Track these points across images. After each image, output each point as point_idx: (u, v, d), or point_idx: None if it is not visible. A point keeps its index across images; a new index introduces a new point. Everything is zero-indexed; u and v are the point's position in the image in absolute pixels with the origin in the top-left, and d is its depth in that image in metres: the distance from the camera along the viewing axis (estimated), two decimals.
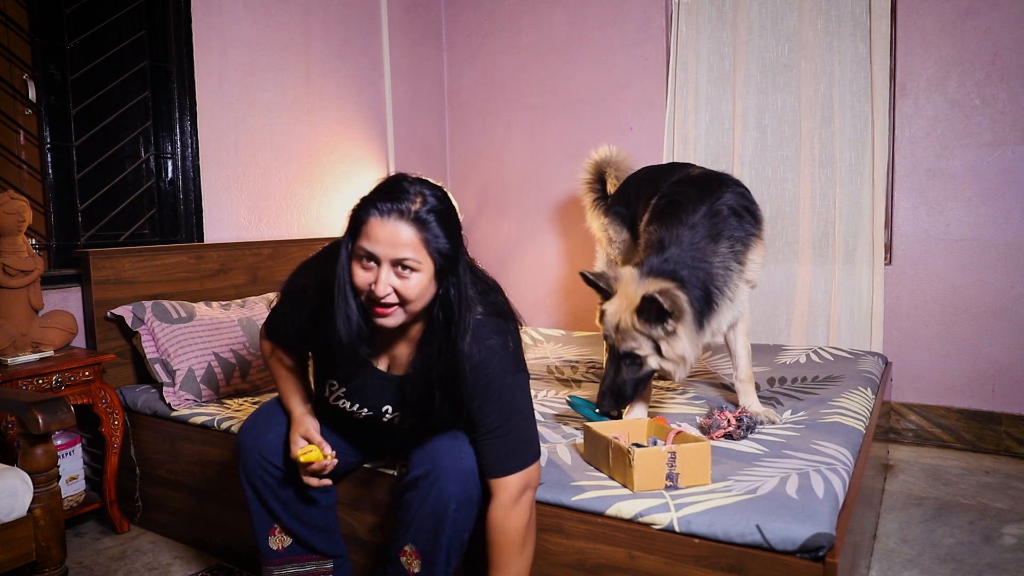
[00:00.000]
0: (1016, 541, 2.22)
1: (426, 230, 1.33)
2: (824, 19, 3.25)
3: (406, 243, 1.31)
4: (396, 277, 1.33)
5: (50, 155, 2.58)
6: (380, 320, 1.38)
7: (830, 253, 3.31)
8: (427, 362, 1.43)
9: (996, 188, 3.01)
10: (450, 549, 1.49)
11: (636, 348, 1.83)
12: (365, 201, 1.36)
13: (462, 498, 1.46)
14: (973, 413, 3.10)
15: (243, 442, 1.62)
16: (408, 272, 1.33)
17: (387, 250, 1.32)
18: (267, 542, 1.64)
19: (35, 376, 2.17)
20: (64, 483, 2.30)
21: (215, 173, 3.06)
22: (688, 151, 3.58)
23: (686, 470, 1.55)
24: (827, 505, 1.41)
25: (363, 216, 1.34)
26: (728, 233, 1.93)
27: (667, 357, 1.83)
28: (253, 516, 1.64)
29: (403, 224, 1.31)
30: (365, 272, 1.35)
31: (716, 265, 1.89)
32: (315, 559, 1.67)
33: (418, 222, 1.32)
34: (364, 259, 1.35)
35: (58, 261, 2.60)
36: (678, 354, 1.82)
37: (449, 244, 1.35)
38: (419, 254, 1.33)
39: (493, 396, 1.44)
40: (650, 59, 3.73)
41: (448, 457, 1.47)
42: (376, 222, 1.32)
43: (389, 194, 1.34)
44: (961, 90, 3.05)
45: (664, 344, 1.81)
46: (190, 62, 2.93)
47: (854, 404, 2.11)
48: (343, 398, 1.58)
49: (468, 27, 4.28)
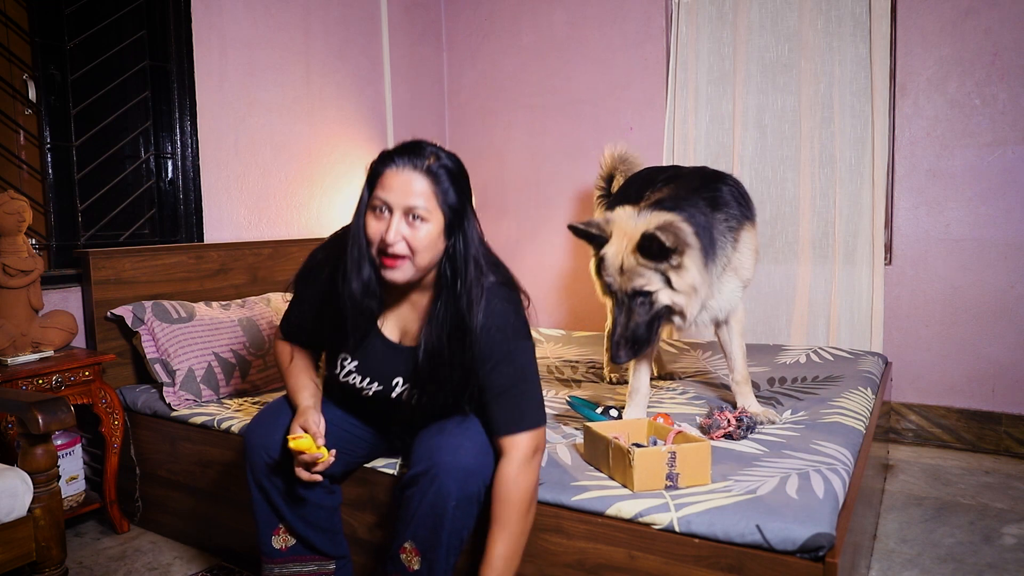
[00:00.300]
0: (1016, 541, 2.22)
1: (437, 183, 1.41)
2: (824, 19, 3.25)
3: (418, 192, 1.39)
4: (407, 226, 1.40)
5: (50, 155, 2.58)
6: (388, 273, 1.43)
7: (830, 253, 3.31)
8: (437, 327, 1.47)
9: (996, 188, 3.01)
10: (449, 546, 1.49)
11: (645, 284, 1.75)
12: (383, 155, 1.44)
13: (461, 495, 1.46)
14: (973, 413, 3.10)
15: (250, 441, 1.62)
16: (418, 222, 1.40)
17: (399, 198, 1.39)
18: (270, 541, 1.64)
19: (35, 376, 2.17)
20: (64, 483, 2.30)
21: (215, 173, 3.06)
22: (688, 151, 3.58)
23: (686, 470, 1.55)
24: (827, 505, 1.41)
25: (380, 169, 1.43)
26: (724, 209, 1.94)
27: (679, 289, 1.75)
28: (258, 515, 1.64)
29: (416, 175, 1.40)
30: (378, 222, 1.42)
31: (715, 227, 1.89)
32: (317, 559, 1.67)
33: (430, 174, 1.40)
34: (378, 209, 1.41)
35: (58, 261, 2.60)
36: (689, 284, 1.76)
37: (458, 200, 1.43)
38: (429, 204, 1.40)
39: (504, 358, 1.48)
40: (650, 59, 3.73)
41: (447, 454, 1.47)
42: (391, 172, 1.41)
43: (406, 149, 1.43)
44: (961, 90, 3.05)
45: (674, 275, 1.74)
46: (190, 62, 2.93)
47: (854, 404, 2.11)
48: (354, 373, 1.59)
49: (468, 27, 4.28)
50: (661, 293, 1.76)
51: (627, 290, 1.78)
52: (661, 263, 1.73)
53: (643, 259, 1.74)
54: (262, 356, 2.60)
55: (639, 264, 1.74)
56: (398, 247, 1.40)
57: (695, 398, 2.28)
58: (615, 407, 1.98)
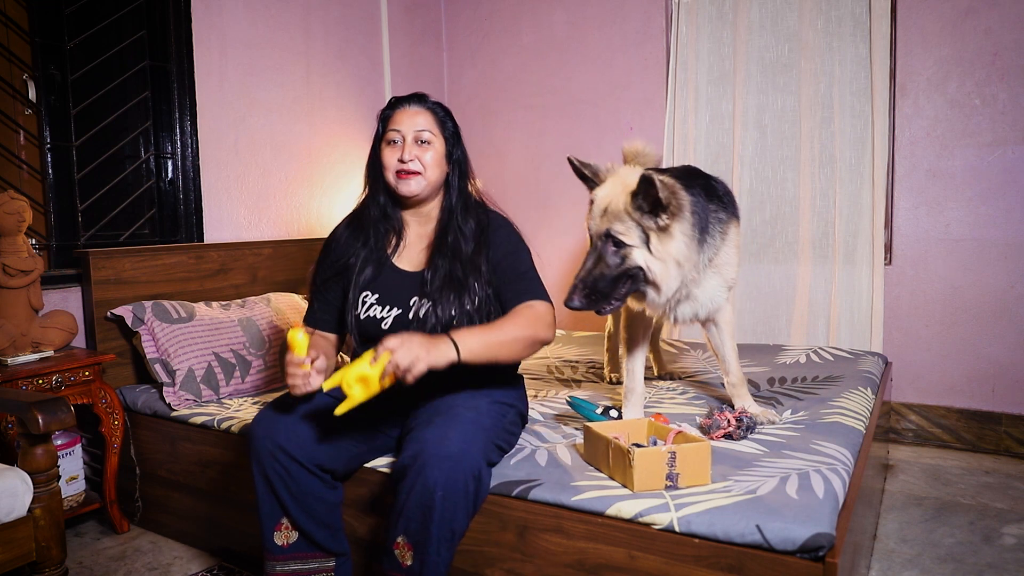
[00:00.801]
0: (1016, 541, 2.22)
1: (436, 115, 1.79)
2: (824, 19, 3.25)
3: (423, 121, 1.76)
4: (417, 148, 1.74)
5: (50, 155, 2.58)
6: (403, 186, 1.75)
7: (830, 253, 3.31)
8: (443, 244, 1.76)
9: (996, 188, 3.02)
10: (440, 539, 1.48)
11: (623, 233, 1.65)
12: (392, 101, 1.80)
13: (448, 485, 1.46)
14: (973, 413, 3.10)
15: (256, 432, 1.62)
16: (426, 146, 1.75)
17: (409, 127, 1.75)
18: (273, 537, 1.64)
19: (35, 376, 2.17)
20: (64, 483, 2.31)
21: (215, 173, 3.06)
22: (688, 151, 3.58)
23: (686, 470, 1.55)
24: (827, 505, 1.41)
25: (390, 112, 1.79)
26: (716, 201, 1.89)
27: (656, 254, 1.66)
28: (262, 509, 1.64)
29: (421, 108, 1.78)
30: (392, 150, 1.76)
31: (708, 214, 1.81)
32: (319, 556, 1.67)
33: (431, 109, 1.79)
34: (392, 141, 1.76)
35: (58, 261, 2.60)
36: (671, 253, 1.66)
37: (454, 129, 1.82)
38: (433, 130, 1.77)
39: (513, 249, 1.78)
40: (650, 59, 3.73)
41: (432, 445, 1.48)
42: (400, 111, 1.77)
43: (410, 95, 1.81)
44: (961, 90, 3.05)
45: (655, 238, 1.65)
46: (190, 62, 2.93)
47: (854, 404, 2.11)
48: (375, 305, 1.77)
49: (468, 27, 4.28)
50: (636, 252, 1.67)
51: (602, 231, 1.68)
52: (647, 217, 1.64)
53: (631, 207, 1.64)
54: (262, 356, 2.61)
55: (625, 210, 1.65)
56: (412, 164, 1.73)
57: (695, 398, 2.28)
58: (615, 407, 1.98)
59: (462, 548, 1.66)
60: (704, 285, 1.88)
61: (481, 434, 1.56)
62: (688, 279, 1.76)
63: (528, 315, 1.67)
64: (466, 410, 1.60)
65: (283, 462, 1.60)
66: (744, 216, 3.47)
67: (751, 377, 2.49)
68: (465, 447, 1.50)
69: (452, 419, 1.55)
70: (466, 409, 1.60)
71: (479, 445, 1.54)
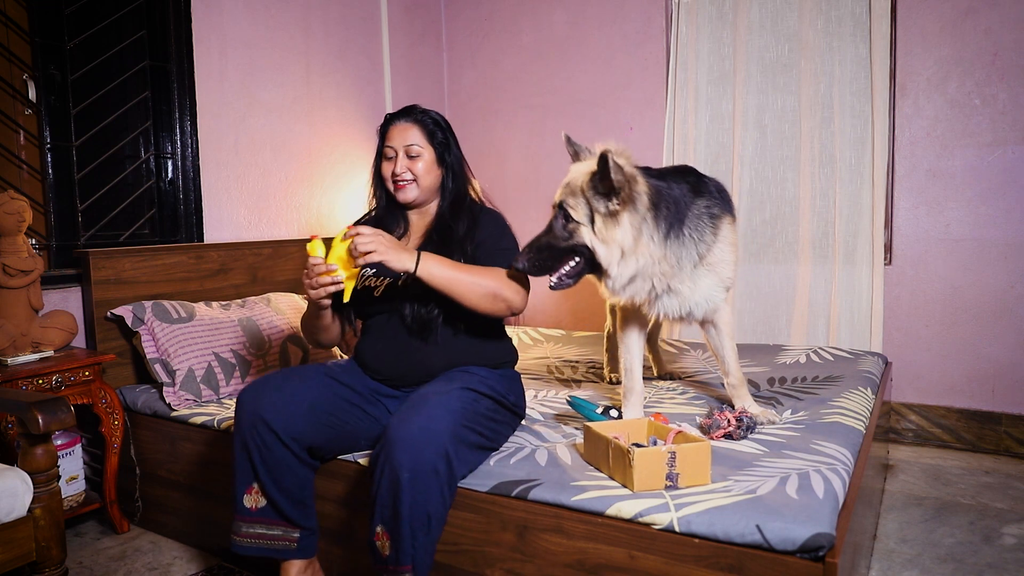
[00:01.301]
0: (1016, 541, 2.22)
1: (425, 127, 1.91)
2: (824, 19, 3.25)
3: (412, 136, 1.90)
4: (409, 160, 1.89)
5: (50, 155, 2.58)
6: (400, 194, 1.92)
7: (830, 253, 3.31)
8: (440, 222, 1.91)
9: (996, 188, 3.01)
10: (413, 524, 1.49)
11: (572, 206, 1.69)
12: (386, 118, 1.94)
13: (414, 466, 1.48)
14: (973, 413, 3.10)
15: (242, 399, 1.70)
16: (416, 159, 1.89)
17: (400, 142, 1.89)
18: (243, 499, 1.70)
19: (35, 376, 2.17)
20: (64, 483, 2.31)
21: (215, 173, 3.06)
22: (688, 151, 3.58)
23: (686, 470, 1.55)
24: (827, 505, 1.41)
25: (385, 128, 1.93)
26: (707, 196, 1.88)
27: (599, 236, 1.68)
28: (236, 470, 1.70)
29: (410, 124, 1.91)
30: (389, 163, 1.91)
31: (691, 209, 1.81)
32: (283, 525, 1.72)
33: (419, 122, 1.91)
34: (388, 157, 1.92)
35: (58, 261, 2.60)
36: (614, 238, 1.67)
37: (444, 137, 1.93)
38: (422, 142, 1.90)
39: (499, 232, 1.91)
40: (650, 59, 3.73)
41: (396, 429, 1.52)
42: (393, 127, 1.92)
43: (402, 110, 1.95)
44: (961, 90, 3.05)
45: (600, 221, 1.67)
46: (190, 62, 2.93)
47: (854, 404, 2.11)
48: (371, 277, 1.89)
49: (468, 27, 4.28)
50: (583, 229, 1.69)
51: (556, 201, 1.73)
52: (599, 199, 1.66)
53: (587, 185, 1.67)
54: (262, 356, 2.60)
55: (581, 187, 1.69)
56: (405, 176, 1.89)
57: (695, 398, 2.28)
58: (615, 407, 1.98)
59: (462, 548, 1.67)
60: (698, 284, 1.85)
61: (448, 416, 1.58)
62: (654, 272, 1.75)
63: (499, 273, 1.78)
64: (434, 395, 1.65)
65: (262, 433, 1.66)
66: (744, 216, 3.47)
67: (751, 377, 2.49)
68: (430, 427, 1.52)
69: (420, 403, 1.60)
70: (435, 394, 1.65)
71: (445, 426, 1.55)
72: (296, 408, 1.69)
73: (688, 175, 1.92)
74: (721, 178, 3.51)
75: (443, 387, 1.70)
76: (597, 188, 1.67)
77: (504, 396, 1.84)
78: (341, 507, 1.87)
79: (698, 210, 1.83)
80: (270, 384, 1.72)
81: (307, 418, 1.70)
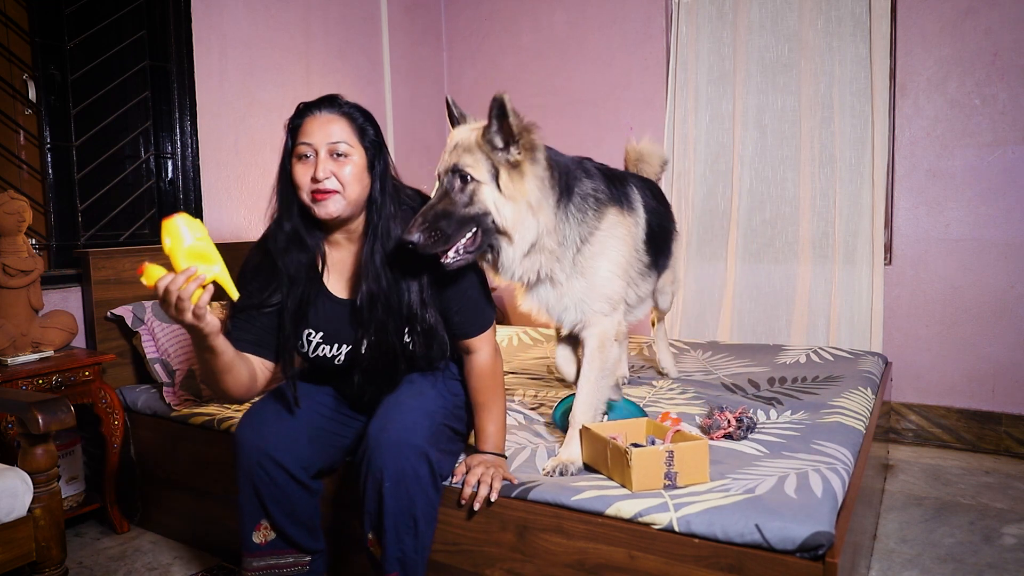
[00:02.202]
0: (1016, 541, 2.22)
1: (354, 121, 1.52)
2: (824, 19, 3.25)
3: (338, 131, 1.50)
4: (333, 163, 1.49)
5: (50, 155, 2.58)
6: (320, 209, 1.50)
7: (830, 253, 3.31)
8: (372, 271, 1.54)
9: (996, 188, 3.01)
10: (398, 527, 1.47)
11: (470, 165, 1.51)
12: (300, 108, 1.54)
13: (395, 470, 1.46)
14: (973, 413, 3.10)
15: (242, 439, 1.60)
16: (343, 159, 1.50)
17: (322, 139, 1.49)
18: (251, 536, 1.64)
19: (35, 376, 2.17)
20: (64, 483, 2.31)
21: (215, 173, 3.06)
22: (688, 151, 3.58)
23: (684, 469, 1.55)
24: (826, 504, 1.41)
25: (298, 122, 1.52)
26: (596, 181, 1.73)
27: (505, 192, 1.51)
28: (243, 509, 1.63)
29: (335, 115, 1.51)
30: (304, 166, 1.50)
31: (578, 185, 1.68)
32: (294, 552, 1.68)
33: (347, 115, 1.52)
34: (303, 156, 1.50)
35: (58, 261, 2.60)
36: (522, 192, 1.52)
37: (376, 136, 1.55)
38: (351, 140, 1.51)
39: (451, 281, 1.60)
40: (650, 59, 3.73)
41: (375, 433, 1.50)
42: (310, 119, 1.51)
43: (321, 100, 1.54)
44: (961, 90, 3.05)
45: (506, 175, 1.50)
46: (190, 62, 2.93)
47: (854, 404, 2.11)
48: (322, 344, 1.64)
49: (468, 27, 4.28)
50: (485, 188, 1.52)
51: (449, 165, 1.54)
52: (499, 152, 1.51)
53: (482, 139, 1.52)
54: None
55: (476, 143, 1.52)
56: (328, 183, 1.48)
57: (695, 398, 2.28)
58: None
59: (462, 548, 1.67)
60: (572, 281, 1.70)
61: (426, 419, 1.55)
62: (546, 245, 1.61)
63: (488, 379, 1.66)
64: (410, 398, 1.59)
65: (269, 470, 1.58)
66: (744, 216, 3.48)
67: (751, 377, 2.50)
68: (408, 430, 1.49)
69: (395, 407, 1.56)
70: (410, 397, 1.60)
71: (423, 428, 1.52)
72: (299, 436, 1.62)
73: (590, 161, 1.83)
74: (721, 178, 3.54)
75: (416, 389, 1.64)
76: (494, 141, 1.51)
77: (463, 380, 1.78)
78: (337, 507, 1.87)
79: (584, 190, 1.70)
80: (267, 416, 1.62)
81: (311, 445, 1.64)
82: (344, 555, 1.87)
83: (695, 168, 3.58)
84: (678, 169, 3.61)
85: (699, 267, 3.62)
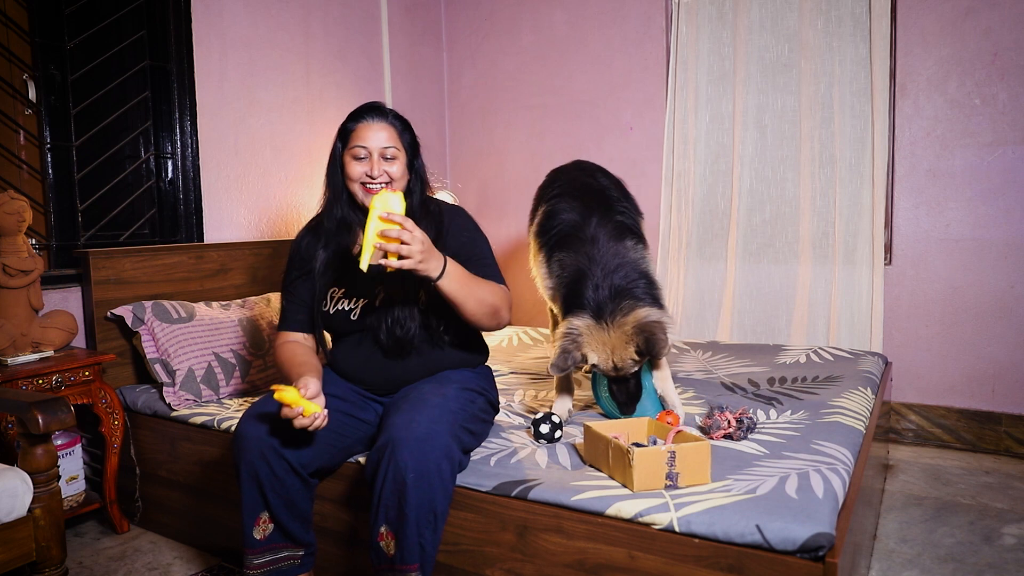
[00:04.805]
0: (1016, 541, 2.22)
1: (397, 129, 1.84)
2: (824, 19, 3.25)
3: (387, 137, 1.81)
4: (385, 163, 1.80)
5: (50, 155, 2.58)
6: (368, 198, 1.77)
7: (830, 253, 3.31)
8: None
9: (996, 188, 3.01)
10: (420, 522, 1.50)
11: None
12: (354, 114, 1.84)
13: (418, 467, 1.49)
14: (973, 413, 3.10)
15: (246, 433, 1.64)
16: (391, 161, 1.81)
17: (376, 143, 1.79)
18: (252, 531, 1.67)
19: (35, 376, 2.17)
20: (64, 483, 2.31)
21: (215, 173, 3.06)
22: (688, 151, 3.58)
23: (686, 469, 1.55)
24: (827, 505, 1.41)
25: (352, 126, 1.82)
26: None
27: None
28: (244, 502, 1.66)
29: (384, 123, 1.82)
30: (360, 164, 1.80)
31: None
32: (288, 547, 1.71)
33: (392, 124, 1.84)
34: (359, 157, 1.80)
35: (58, 261, 2.60)
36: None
37: (412, 140, 1.88)
38: (397, 144, 1.82)
39: (471, 237, 1.87)
40: (650, 59, 3.73)
41: (400, 430, 1.53)
42: (364, 125, 1.81)
43: (371, 108, 1.85)
44: (961, 90, 3.05)
45: None
46: (190, 62, 2.93)
47: (854, 404, 2.11)
48: (342, 298, 1.86)
49: (468, 27, 4.28)
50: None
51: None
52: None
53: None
54: (262, 356, 2.60)
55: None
56: (382, 178, 1.79)
57: (695, 398, 2.28)
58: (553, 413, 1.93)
59: (462, 548, 1.67)
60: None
61: (449, 417, 1.61)
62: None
63: (501, 291, 1.81)
64: (433, 395, 1.66)
65: (272, 462, 1.63)
66: (744, 216, 3.48)
67: (751, 377, 2.50)
68: (433, 428, 1.54)
69: (420, 404, 1.62)
70: (433, 395, 1.66)
71: (447, 427, 1.58)
72: (301, 432, 1.64)
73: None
74: (721, 178, 3.54)
75: (440, 388, 1.72)
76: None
77: (489, 392, 1.90)
78: (341, 507, 1.87)
79: None
80: (271, 413, 1.65)
81: (316, 446, 1.68)
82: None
83: (695, 168, 3.58)
84: (678, 169, 3.61)
85: (699, 267, 3.62)
